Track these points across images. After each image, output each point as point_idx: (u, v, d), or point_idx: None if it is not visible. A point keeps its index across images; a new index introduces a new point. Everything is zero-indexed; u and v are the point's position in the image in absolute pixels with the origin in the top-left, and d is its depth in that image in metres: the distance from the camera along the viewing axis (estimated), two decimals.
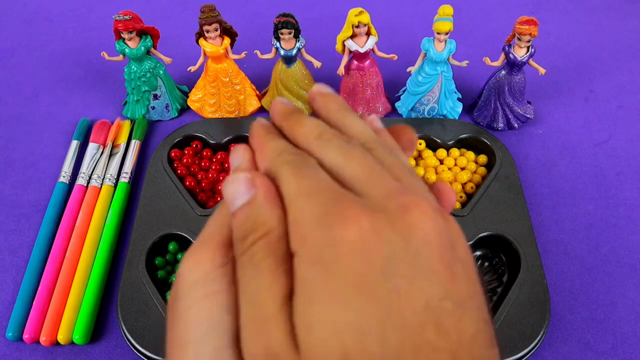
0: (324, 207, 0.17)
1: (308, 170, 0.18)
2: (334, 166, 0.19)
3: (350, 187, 0.18)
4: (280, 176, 0.18)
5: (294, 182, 0.18)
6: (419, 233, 0.16)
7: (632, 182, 0.56)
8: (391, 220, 0.16)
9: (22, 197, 0.56)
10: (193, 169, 0.56)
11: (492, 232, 0.49)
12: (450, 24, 0.54)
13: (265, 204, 0.18)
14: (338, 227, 0.16)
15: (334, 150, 0.19)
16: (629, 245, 0.51)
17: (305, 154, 0.19)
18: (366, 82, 0.59)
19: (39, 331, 0.44)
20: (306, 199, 0.17)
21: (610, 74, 0.69)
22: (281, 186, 0.18)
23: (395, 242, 0.16)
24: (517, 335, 0.43)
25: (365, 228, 0.16)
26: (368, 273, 0.15)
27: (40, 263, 0.49)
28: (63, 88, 0.68)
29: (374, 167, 0.18)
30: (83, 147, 0.59)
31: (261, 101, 0.63)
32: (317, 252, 0.16)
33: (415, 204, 0.17)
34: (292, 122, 0.21)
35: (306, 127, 0.20)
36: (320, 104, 0.22)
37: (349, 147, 0.19)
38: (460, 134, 0.58)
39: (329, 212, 0.16)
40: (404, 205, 0.17)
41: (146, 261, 0.47)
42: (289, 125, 0.21)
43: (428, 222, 0.16)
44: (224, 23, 0.57)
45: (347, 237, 0.16)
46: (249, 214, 0.18)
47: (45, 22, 0.79)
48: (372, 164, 0.18)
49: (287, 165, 0.18)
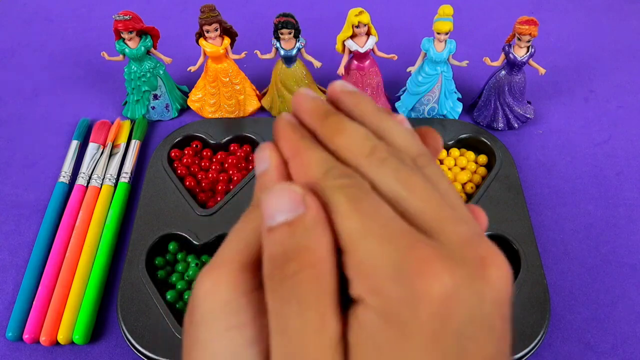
0: (399, 254, 0.15)
1: (370, 205, 0.16)
2: (394, 197, 0.16)
3: (417, 223, 0.16)
4: (334, 205, 0.16)
5: (356, 219, 0.15)
6: (494, 293, 0.15)
7: (632, 182, 0.56)
8: (470, 276, 0.15)
9: (22, 197, 0.56)
10: (193, 169, 0.56)
11: (492, 232, 0.49)
12: (450, 24, 0.54)
13: (315, 228, 0.15)
14: (419, 281, 0.14)
15: (391, 175, 0.17)
16: (629, 245, 0.51)
17: (359, 177, 0.17)
18: (366, 82, 0.59)
19: (39, 331, 0.44)
20: (376, 241, 0.15)
21: (610, 74, 0.69)
22: (337, 218, 0.16)
23: (472, 301, 0.15)
24: (517, 335, 0.43)
25: (447, 284, 0.14)
26: (443, 335, 0.14)
27: (40, 263, 0.49)
28: (63, 88, 0.68)
29: (439, 202, 0.16)
30: (83, 147, 0.59)
31: (261, 101, 0.63)
32: (394, 308, 0.14)
33: (493, 258, 0.16)
34: (331, 127, 0.18)
35: (352, 138, 0.18)
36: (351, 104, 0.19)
37: (407, 171, 0.17)
38: (460, 134, 0.58)
39: (406, 262, 0.15)
40: (482, 259, 0.15)
41: (146, 261, 0.47)
42: (328, 131, 0.18)
43: (503, 282, 0.16)
44: (224, 23, 0.57)
45: (429, 295, 0.14)
46: (293, 235, 0.15)
47: (45, 22, 0.79)
48: (437, 197, 0.17)
49: (342, 193, 0.16)
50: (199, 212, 0.51)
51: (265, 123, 0.60)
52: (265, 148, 0.18)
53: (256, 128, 0.59)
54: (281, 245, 0.15)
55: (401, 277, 0.14)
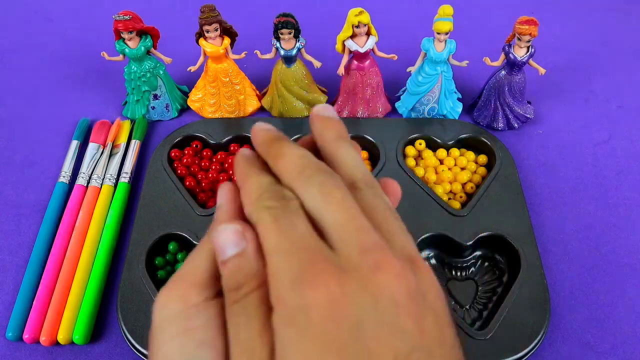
0: (298, 266, 0.17)
1: (287, 221, 0.18)
2: (313, 210, 0.19)
3: (328, 236, 0.18)
4: (260, 225, 0.19)
5: (272, 235, 0.18)
6: (387, 294, 0.17)
7: (632, 182, 0.56)
8: (361, 282, 0.17)
9: (22, 197, 0.56)
10: (193, 169, 0.56)
11: (492, 232, 0.49)
12: (450, 24, 0.54)
13: (255, 258, 0.19)
14: (309, 290, 0.17)
15: (316, 191, 0.19)
16: (629, 245, 0.51)
17: (285, 197, 0.19)
18: (366, 82, 0.59)
19: (39, 331, 0.44)
20: (282, 256, 0.18)
21: (610, 74, 0.69)
22: (261, 236, 0.19)
23: (364, 303, 0.17)
24: (517, 335, 0.43)
25: (334, 291, 0.17)
26: (338, 335, 0.16)
27: (40, 263, 0.49)
28: (63, 88, 0.68)
29: (353, 214, 0.19)
30: (83, 147, 0.59)
31: (261, 101, 0.63)
32: (291, 313, 0.17)
33: (387, 264, 0.17)
34: (275, 152, 0.21)
35: (288, 158, 0.20)
36: (317, 130, 0.22)
37: (330, 186, 0.19)
38: (460, 134, 0.58)
39: (302, 273, 0.17)
40: (376, 265, 0.17)
41: (146, 261, 0.47)
42: (272, 156, 0.21)
43: (397, 282, 0.17)
44: (224, 23, 0.57)
45: (317, 301, 0.16)
46: (240, 266, 0.19)
47: (45, 22, 0.79)
48: (352, 209, 0.19)
49: (267, 213, 0.19)
50: (199, 212, 0.51)
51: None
52: (224, 186, 0.22)
53: None
54: (233, 274, 0.19)
55: (295, 287, 0.17)
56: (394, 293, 0.17)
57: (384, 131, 0.58)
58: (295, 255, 0.18)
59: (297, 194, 0.20)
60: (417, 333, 0.17)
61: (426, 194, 0.52)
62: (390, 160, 0.55)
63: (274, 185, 0.20)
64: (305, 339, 0.16)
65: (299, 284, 0.17)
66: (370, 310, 0.17)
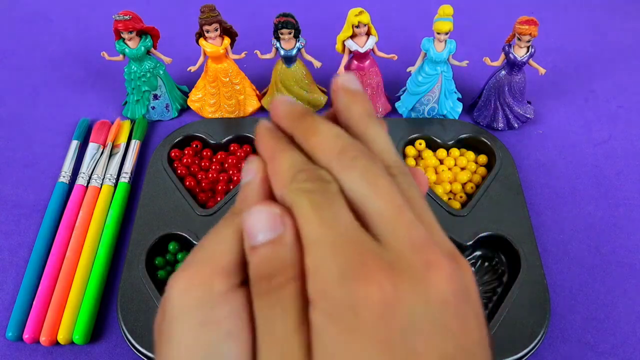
0: (346, 261, 0.16)
1: (329, 209, 0.17)
2: (357, 196, 0.18)
3: (374, 227, 0.17)
4: (298, 210, 0.17)
5: (314, 224, 0.17)
6: (438, 294, 0.16)
7: (632, 182, 0.56)
8: (414, 281, 0.16)
9: (22, 197, 0.56)
10: (193, 169, 0.56)
11: (492, 232, 0.49)
12: (450, 24, 0.54)
13: (294, 247, 0.17)
14: (360, 288, 0.16)
15: (359, 176, 0.18)
16: (629, 245, 0.51)
17: (324, 179, 0.18)
18: (366, 82, 0.59)
19: (39, 331, 0.44)
20: (328, 248, 0.16)
21: (610, 74, 0.69)
22: (300, 222, 0.17)
23: (416, 303, 0.16)
24: (517, 335, 0.43)
25: (387, 290, 0.16)
26: (388, 336, 0.15)
27: (40, 263, 0.49)
28: (63, 88, 0.68)
29: (400, 205, 0.17)
30: (83, 147, 0.59)
31: (261, 101, 0.63)
32: (338, 310, 0.16)
33: (439, 263, 0.17)
34: (306, 128, 0.19)
35: (324, 137, 0.19)
36: (342, 104, 0.20)
37: (375, 172, 0.18)
38: (460, 134, 0.58)
39: (351, 269, 0.16)
40: (428, 264, 0.17)
41: (146, 261, 0.47)
42: (302, 132, 0.19)
43: (448, 283, 0.17)
44: (224, 23, 0.57)
45: (369, 299, 0.16)
46: (276, 253, 0.17)
47: (45, 22, 0.79)
48: (399, 200, 0.18)
49: (305, 198, 0.17)
50: (199, 212, 0.51)
51: None
52: (253, 160, 0.20)
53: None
54: (266, 262, 0.17)
55: (345, 283, 0.16)
56: (444, 293, 0.16)
57: None
58: (343, 247, 0.16)
59: (335, 177, 0.18)
60: (462, 334, 0.16)
61: (426, 194, 0.52)
62: None
63: (309, 164, 0.18)
64: (352, 337, 0.15)
65: (349, 280, 0.16)
66: (421, 310, 0.16)
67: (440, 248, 0.17)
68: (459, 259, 0.18)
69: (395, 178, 0.19)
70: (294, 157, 0.19)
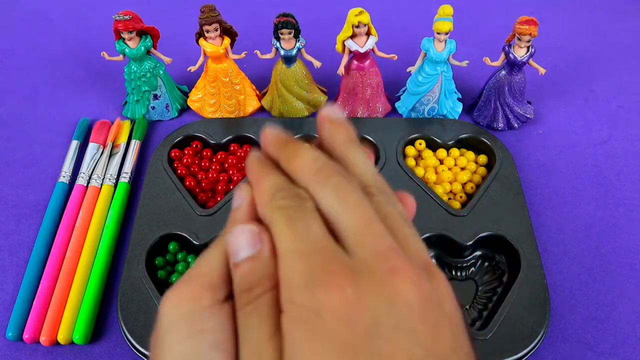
0: (311, 269, 0.17)
1: (301, 223, 0.18)
2: (329, 211, 0.19)
3: (343, 239, 0.18)
4: (273, 225, 0.19)
5: (287, 237, 0.18)
6: (402, 298, 0.17)
7: (632, 182, 0.56)
8: (377, 286, 0.17)
9: (22, 197, 0.56)
10: (193, 169, 0.56)
11: (492, 232, 0.49)
12: (450, 24, 0.54)
13: (270, 260, 0.18)
14: (323, 293, 0.17)
15: (332, 192, 0.19)
16: (629, 245, 0.51)
17: (300, 197, 0.19)
18: (366, 82, 0.59)
19: (39, 331, 0.44)
20: (296, 258, 0.18)
21: (610, 74, 0.69)
22: (274, 236, 0.19)
23: (379, 307, 0.17)
24: (517, 335, 0.43)
25: (349, 295, 0.16)
26: (351, 338, 0.16)
27: (40, 263, 0.49)
28: (63, 88, 0.68)
29: (369, 218, 0.19)
30: (83, 147, 0.59)
31: (261, 101, 0.63)
32: (303, 315, 0.17)
33: (402, 269, 0.17)
34: (288, 153, 0.21)
35: (303, 159, 0.20)
36: (326, 133, 0.22)
37: (347, 189, 0.19)
38: (460, 134, 0.58)
39: (315, 276, 0.17)
40: (392, 270, 0.17)
41: (146, 261, 0.47)
42: (285, 156, 0.21)
43: (412, 288, 0.17)
44: (224, 23, 0.57)
45: (330, 303, 0.16)
46: (254, 268, 0.18)
47: (45, 22, 0.79)
48: (369, 214, 0.19)
49: (281, 213, 0.19)
50: (199, 212, 0.51)
51: (265, 123, 0.59)
52: (243, 187, 0.21)
53: (256, 128, 0.59)
54: (246, 276, 0.18)
55: (309, 289, 0.17)
56: (409, 298, 0.17)
57: (384, 131, 0.58)
58: (309, 257, 0.17)
59: (311, 195, 0.19)
60: (432, 339, 0.17)
61: (426, 194, 0.52)
62: (390, 160, 0.55)
63: (288, 184, 0.20)
64: (316, 340, 0.16)
65: (312, 286, 0.17)
66: (385, 314, 0.16)
67: (408, 256, 0.18)
68: (431, 269, 0.19)
69: (374, 197, 0.20)
70: (275, 179, 0.20)
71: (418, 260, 0.19)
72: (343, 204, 0.19)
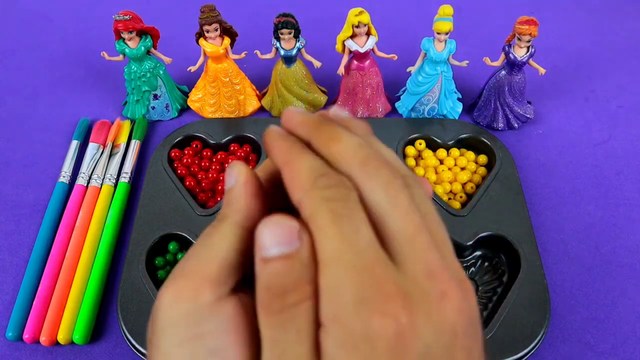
0: (364, 287, 0.15)
1: (350, 223, 0.16)
2: (377, 209, 0.17)
3: (390, 244, 0.17)
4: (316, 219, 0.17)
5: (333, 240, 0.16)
6: (449, 326, 0.16)
7: (632, 182, 0.56)
8: (428, 312, 0.16)
9: (22, 197, 0.56)
10: (193, 169, 0.56)
11: (492, 232, 0.49)
12: (450, 24, 0.54)
13: (311, 264, 0.16)
14: (376, 318, 0.15)
15: (382, 187, 0.17)
16: (629, 245, 0.51)
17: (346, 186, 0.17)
18: (366, 82, 0.59)
19: (39, 331, 0.44)
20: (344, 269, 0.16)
21: (610, 74, 0.69)
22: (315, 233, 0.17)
23: (429, 335, 0.16)
24: (517, 335, 0.43)
25: (403, 323, 0.15)
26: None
27: (40, 263, 0.49)
28: (63, 88, 0.68)
29: (418, 225, 0.17)
30: (83, 147, 0.59)
31: (261, 101, 0.63)
32: (351, 339, 0.15)
33: (451, 294, 0.17)
34: (327, 135, 0.19)
35: (346, 145, 0.18)
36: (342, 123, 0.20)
37: (396, 186, 0.17)
38: (460, 134, 0.58)
39: (369, 297, 0.15)
40: (443, 294, 0.16)
41: (146, 261, 0.47)
42: (323, 139, 0.19)
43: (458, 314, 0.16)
44: (224, 23, 0.57)
45: (384, 333, 0.15)
46: (291, 269, 0.16)
47: (45, 22, 0.79)
48: (418, 219, 0.17)
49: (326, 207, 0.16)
50: (199, 212, 0.51)
51: (265, 123, 0.60)
52: (234, 165, 0.19)
53: (256, 128, 0.59)
54: (279, 277, 0.16)
55: (361, 311, 0.15)
56: (455, 326, 0.16)
57: (384, 131, 0.58)
58: (360, 271, 0.16)
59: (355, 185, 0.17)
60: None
61: None
62: None
63: (329, 169, 0.18)
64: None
65: (365, 308, 0.15)
66: (434, 342, 0.16)
67: (452, 274, 0.17)
68: (465, 284, 0.18)
69: (412, 189, 0.18)
70: (313, 161, 0.18)
71: (456, 274, 0.17)
72: (393, 204, 0.17)
